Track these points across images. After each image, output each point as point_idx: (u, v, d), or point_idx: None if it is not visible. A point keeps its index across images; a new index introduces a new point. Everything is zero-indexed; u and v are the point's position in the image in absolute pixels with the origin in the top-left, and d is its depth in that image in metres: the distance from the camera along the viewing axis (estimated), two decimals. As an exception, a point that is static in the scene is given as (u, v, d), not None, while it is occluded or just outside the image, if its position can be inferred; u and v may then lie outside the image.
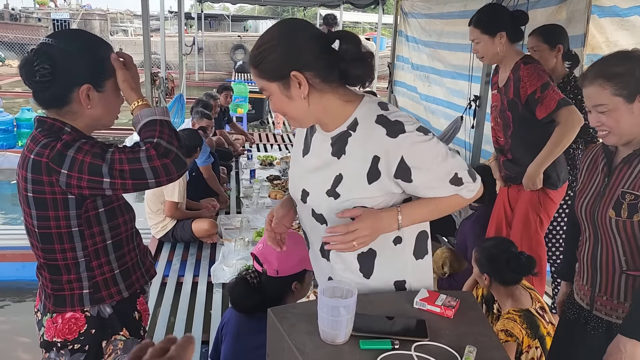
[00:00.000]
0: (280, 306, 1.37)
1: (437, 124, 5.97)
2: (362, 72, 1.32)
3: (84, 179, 1.35)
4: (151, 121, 1.44)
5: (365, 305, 1.38)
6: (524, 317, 2.21)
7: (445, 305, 1.37)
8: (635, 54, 1.56)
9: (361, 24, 27.99)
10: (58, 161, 1.35)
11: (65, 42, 1.41)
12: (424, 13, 6.31)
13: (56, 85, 1.40)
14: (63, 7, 22.05)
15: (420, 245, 1.51)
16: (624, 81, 1.50)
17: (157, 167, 1.35)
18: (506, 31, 2.63)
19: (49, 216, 1.41)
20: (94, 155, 1.35)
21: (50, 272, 1.49)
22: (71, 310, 1.50)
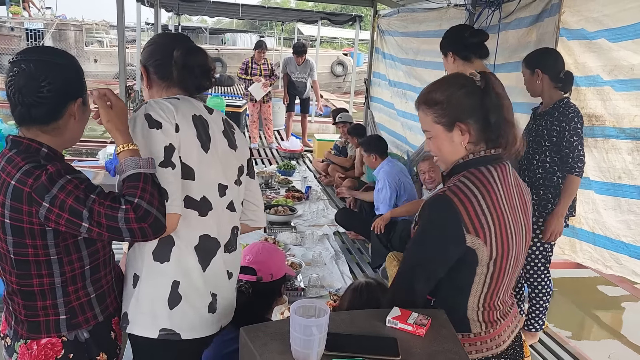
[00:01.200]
0: (252, 325, 1.36)
1: (414, 140, 6.04)
2: None
3: (64, 217, 1.34)
4: (135, 175, 1.39)
5: (338, 324, 1.38)
6: None
7: (417, 323, 1.38)
8: (456, 80, 1.51)
9: (339, 39, 28.29)
10: (41, 193, 1.33)
11: (56, 57, 1.42)
12: (401, 31, 6.41)
13: (54, 100, 1.40)
14: (37, 17, 21.73)
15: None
16: (443, 109, 1.48)
17: (134, 229, 1.34)
18: (452, 51, 2.76)
19: (26, 244, 1.38)
20: (76, 198, 1.33)
21: (24, 298, 1.45)
22: (47, 336, 1.47)
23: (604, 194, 3.44)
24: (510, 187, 1.52)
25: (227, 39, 30.26)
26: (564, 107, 2.92)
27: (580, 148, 2.88)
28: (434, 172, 4.00)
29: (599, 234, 3.52)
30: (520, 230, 1.53)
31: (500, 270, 1.48)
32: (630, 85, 3.31)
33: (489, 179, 1.46)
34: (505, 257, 1.47)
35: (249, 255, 1.97)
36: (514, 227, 1.49)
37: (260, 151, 8.41)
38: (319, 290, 3.62)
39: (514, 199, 1.52)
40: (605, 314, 5.08)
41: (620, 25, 3.24)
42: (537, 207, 3.00)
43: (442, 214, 1.42)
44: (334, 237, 4.76)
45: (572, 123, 2.85)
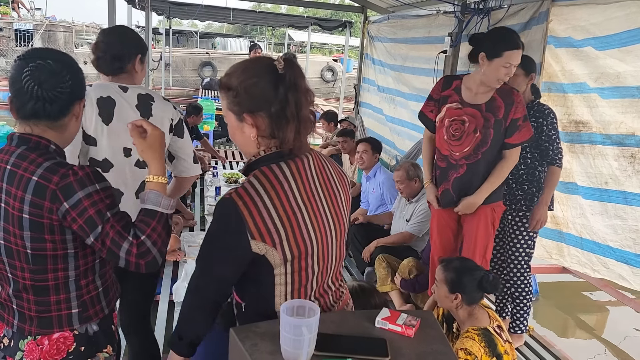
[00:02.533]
0: (242, 326, 1.37)
1: (402, 145, 6.09)
2: None
3: (78, 222, 1.38)
4: (152, 211, 1.45)
5: (328, 325, 1.39)
6: (482, 335, 2.26)
7: (406, 324, 1.40)
8: (256, 66, 1.40)
9: (328, 45, 28.40)
10: (66, 193, 1.36)
11: (69, 58, 1.49)
12: (390, 37, 6.46)
13: (68, 97, 1.45)
14: (26, 18, 21.57)
15: None
16: (235, 97, 1.38)
17: (131, 262, 1.39)
18: (484, 51, 2.72)
19: (45, 239, 1.40)
20: (97, 211, 1.37)
21: (37, 293, 1.47)
22: (59, 331, 1.50)
23: (591, 199, 3.50)
24: (311, 180, 1.44)
25: (217, 43, 30.22)
26: (538, 105, 3.08)
27: (558, 141, 3.04)
28: (402, 183, 4.01)
29: (587, 238, 3.57)
30: (326, 222, 1.45)
31: (302, 270, 1.41)
32: (616, 92, 3.37)
33: (280, 178, 1.38)
34: (304, 256, 1.39)
35: None
36: (314, 222, 1.41)
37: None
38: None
39: (316, 192, 1.44)
40: (589, 318, 5.14)
41: (607, 33, 3.30)
42: (524, 201, 3.10)
43: (226, 218, 1.34)
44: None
45: (549, 118, 3.01)
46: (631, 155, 3.30)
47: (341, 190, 1.52)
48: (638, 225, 3.22)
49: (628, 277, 3.31)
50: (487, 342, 2.23)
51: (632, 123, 3.32)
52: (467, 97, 2.85)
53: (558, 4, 3.53)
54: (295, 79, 1.38)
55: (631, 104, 3.32)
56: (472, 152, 2.85)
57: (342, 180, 1.55)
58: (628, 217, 3.27)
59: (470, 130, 2.83)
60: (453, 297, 2.39)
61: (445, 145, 2.93)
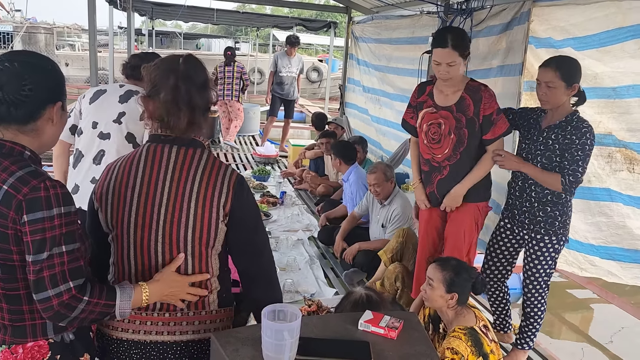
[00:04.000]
0: (223, 331, 1.35)
1: (388, 146, 6.10)
2: None
3: (28, 239, 1.32)
4: (113, 294, 1.42)
5: (311, 328, 1.38)
6: (469, 335, 2.26)
7: (388, 326, 1.39)
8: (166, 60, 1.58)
9: (314, 46, 28.39)
10: (31, 207, 1.32)
11: (39, 60, 1.43)
12: (374, 38, 6.47)
13: (35, 101, 1.39)
14: (6, 20, 21.25)
15: None
16: (145, 82, 1.59)
17: (52, 304, 1.33)
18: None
19: (11, 250, 1.36)
20: (52, 238, 1.33)
21: (10, 302, 1.42)
22: (33, 340, 1.46)
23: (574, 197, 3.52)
24: (162, 167, 1.54)
25: (201, 44, 30.06)
26: (577, 120, 2.71)
27: (581, 164, 2.64)
28: (379, 185, 4.03)
29: (570, 237, 3.59)
30: (156, 210, 1.53)
31: (123, 236, 1.56)
32: (593, 93, 3.39)
33: (136, 156, 1.57)
34: (120, 230, 1.55)
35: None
36: (142, 205, 1.53)
37: (235, 156, 8.37)
38: (293, 295, 3.60)
39: (161, 181, 1.53)
40: (574, 316, 5.19)
41: (586, 34, 3.34)
42: (544, 224, 2.80)
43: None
44: (308, 242, 4.75)
45: (583, 138, 2.64)
46: (609, 155, 3.34)
47: (196, 196, 1.53)
48: (624, 221, 3.24)
49: (617, 273, 3.32)
50: (473, 341, 2.24)
51: (608, 123, 3.36)
52: (439, 100, 2.92)
53: (539, 4, 3.56)
54: (189, 72, 1.52)
55: (607, 105, 3.36)
56: (451, 153, 2.90)
57: (207, 190, 1.54)
58: (613, 214, 3.28)
59: (445, 132, 2.89)
60: (449, 297, 2.38)
61: (426, 149, 2.98)
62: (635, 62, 3.07)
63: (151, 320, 1.56)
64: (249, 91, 17.69)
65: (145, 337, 1.56)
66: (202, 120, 1.56)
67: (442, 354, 2.22)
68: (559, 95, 2.70)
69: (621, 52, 3.22)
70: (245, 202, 1.56)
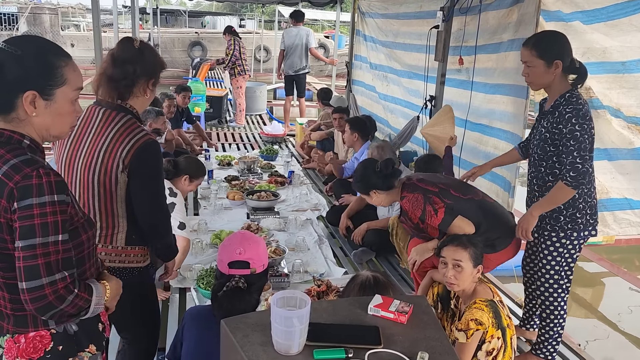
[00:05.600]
0: (233, 317, 1.35)
1: (396, 123, 6.04)
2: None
3: (16, 226, 1.31)
4: (90, 289, 1.44)
5: (320, 313, 1.38)
6: (491, 306, 2.26)
7: (398, 311, 1.38)
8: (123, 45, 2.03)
9: (320, 22, 28.04)
10: (22, 194, 1.30)
11: (16, 46, 1.35)
12: (381, 13, 6.36)
13: (6, 88, 1.34)
14: (10, 1, 21.12)
15: None
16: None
17: (46, 295, 1.32)
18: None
19: (5, 239, 1.35)
20: (43, 224, 1.31)
21: (10, 291, 1.41)
22: (34, 330, 1.45)
23: (617, 159, 3.43)
24: (93, 127, 2.00)
25: (206, 21, 29.77)
26: (564, 104, 2.50)
27: (577, 154, 2.43)
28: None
29: (631, 198, 3.47)
30: (78, 153, 1.99)
31: (59, 172, 1.99)
32: (602, 68, 3.33)
33: (83, 114, 2.03)
34: (57, 163, 2.06)
35: (239, 247, 1.86)
36: (70, 148, 2.02)
37: (242, 135, 8.34)
38: (302, 276, 3.61)
39: (86, 132, 2.00)
40: (585, 291, 5.18)
41: (594, 7, 3.26)
42: (549, 219, 2.63)
43: None
44: (317, 221, 4.75)
45: (569, 125, 2.44)
46: (627, 127, 3.29)
47: (105, 148, 1.95)
48: None
49: None
50: (494, 313, 2.25)
51: (617, 99, 3.30)
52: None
53: (550, -25, 3.46)
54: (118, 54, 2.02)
55: (615, 80, 3.29)
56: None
57: (114, 145, 1.94)
58: None
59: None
60: (476, 272, 2.38)
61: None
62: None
63: None
64: (255, 69, 17.63)
65: None
66: (125, 92, 2.00)
67: (466, 325, 2.21)
68: (539, 74, 2.55)
69: (629, 26, 3.14)
70: (143, 161, 1.93)
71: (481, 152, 4.26)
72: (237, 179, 5.60)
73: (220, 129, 8.78)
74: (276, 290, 3.35)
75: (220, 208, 4.82)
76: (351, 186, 4.96)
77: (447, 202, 2.79)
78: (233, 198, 4.99)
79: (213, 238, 4.09)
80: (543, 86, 2.64)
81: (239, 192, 5.08)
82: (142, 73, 2.02)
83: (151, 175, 1.98)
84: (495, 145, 4.06)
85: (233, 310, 1.72)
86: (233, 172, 5.95)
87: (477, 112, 4.28)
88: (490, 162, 3.20)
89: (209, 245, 4.00)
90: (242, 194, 4.99)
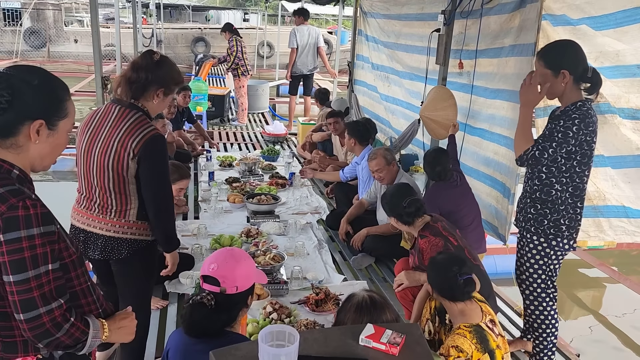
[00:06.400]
0: (222, 348, 1.34)
1: (397, 124, 6.00)
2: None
3: (5, 259, 1.31)
4: (87, 322, 1.46)
5: (311, 344, 1.36)
6: (474, 332, 2.24)
7: (390, 342, 1.37)
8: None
9: (323, 16, 27.90)
10: (9, 226, 1.30)
11: (27, 75, 1.40)
12: (383, 13, 6.31)
13: (10, 114, 1.35)
14: (14, -4, 21.10)
15: None
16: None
17: (44, 323, 1.35)
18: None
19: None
20: (33, 257, 1.32)
21: (0, 318, 1.42)
22: (23, 355, 1.46)
23: (624, 167, 3.40)
24: (109, 121, 2.34)
25: (211, 15, 29.65)
26: (574, 110, 2.51)
27: (549, 144, 2.52)
28: (382, 171, 3.98)
29: (629, 206, 3.44)
30: (96, 142, 2.34)
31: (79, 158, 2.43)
32: (617, 72, 3.28)
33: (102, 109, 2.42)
34: (78, 151, 2.41)
35: (213, 263, 1.84)
36: (89, 138, 2.37)
37: (244, 135, 8.33)
38: (301, 282, 3.60)
39: (101, 131, 2.35)
40: (585, 295, 5.16)
41: (602, 13, 3.20)
42: (534, 221, 2.68)
43: None
44: (317, 225, 4.74)
45: (569, 121, 2.49)
46: None
47: (119, 139, 2.30)
48: None
49: None
50: (478, 338, 2.22)
51: (637, 102, 3.25)
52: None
53: (552, -19, 3.41)
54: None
55: (633, 84, 3.25)
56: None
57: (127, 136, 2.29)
58: None
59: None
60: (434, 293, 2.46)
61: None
62: (656, 42, 2.95)
63: (88, 216, 2.38)
64: (258, 65, 17.57)
65: (83, 226, 2.39)
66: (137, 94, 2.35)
67: (447, 351, 2.21)
68: (550, 85, 2.57)
69: (639, 33, 3.09)
70: (149, 151, 2.26)
71: (480, 156, 4.23)
72: (237, 181, 5.58)
73: (223, 128, 8.77)
74: (275, 298, 3.35)
75: (220, 211, 4.81)
76: (350, 189, 4.97)
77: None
78: (233, 201, 4.98)
79: (213, 243, 4.08)
80: (555, 95, 2.65)
81: (240, 194, 5.07)
82: (153, 81, 2.34)
83: (156, 163, 2.30)
84: (495, 150, 4.03)
85: (193, 325, 1.74)
86: (234, 174, 5.94)
87: (477, 117, 4.25)
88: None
89: (209, 250, 3.99)
90: (242, 197, 4.98)
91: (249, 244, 4.11)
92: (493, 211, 4.06)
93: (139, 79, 2.33)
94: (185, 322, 1.87)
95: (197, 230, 4.30)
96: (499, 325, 2.41)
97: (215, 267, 1.83)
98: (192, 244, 4.02)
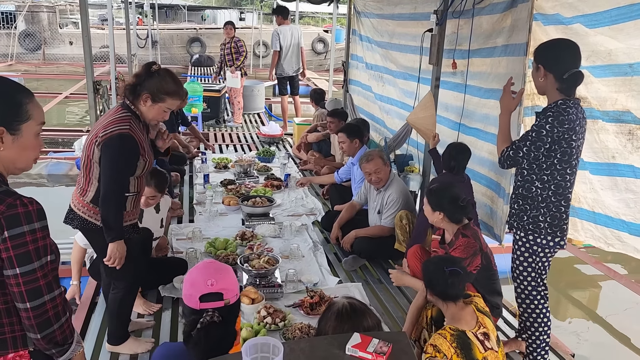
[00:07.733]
0: None
1: (392, 124, 6.00)
2: None
3: (11, 253, 1.38)
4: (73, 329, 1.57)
5: (297, 354, 1.36)
6: (457, 337, 2.23)
7: (376, 351, 1.36)
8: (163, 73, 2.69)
9: (319, 14, 27.87)
10: (11, 223, 1.37)
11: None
12: (376, 13, 6.29)
13: None
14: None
15: None
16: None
17: (47, 310, 1.45)
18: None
19: None
20: (36, 249, 1.41)
21: None
22: (14, 351, 1.51)
23: (599, 174, 3.41)
24: (107, 114, 2.67)
25: (206, 15, 29.58)
26: (553, 108, 2.57)
27: (518, 143, 2.63)
28: (380, 171, 3.98)
29: (599, 212, 3.46)
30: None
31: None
32: (609, 70, 3.26)
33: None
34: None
35: (209, 279, 1.76)
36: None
37: (240, 136, 8.31)
38: (296, 285, 3.60)
39: (102, 119, 2.67)
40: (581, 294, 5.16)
41: (595, 11, 3.18)
42: (516, 217, 2.76)
43: None
44: (312, 227, 4.73)
45: (543, 119, 2.55)
46: (629, 132, 3.24)
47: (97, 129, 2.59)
48: None
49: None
50: (459, 344, 2.21)
51: (626, 102, 3.25)
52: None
53: (543, -20, 3.40)
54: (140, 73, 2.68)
55: (624, 83, 3.23)
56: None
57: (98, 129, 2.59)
58: (639, 190, 3.19)
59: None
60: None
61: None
62: (652, 39, 2.94)
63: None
64: (254, 64, 17.54)
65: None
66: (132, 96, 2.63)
67: (426, 348, 2.21)
68: (533, 76, 2.69)
69: (635, 30, 3.06)
70: (108, 146, 2.49)
71: (475, 156, 4.22)
72: (232, 183, 5.58)
73: (218, 129, 8.75)
74: (269, 302, 3.35)
75: (215, 214, 4.81)
76: (345, 190, 4.96)
77: (478, 268, 2.85)
78: (228, 203, 4.97)
79: (207, 247, 4.08)
80: (540, 89, 2.72)
81: (235, 197, 5.06)
82: (144, 88, 2.61)
83: (111, 158, 2.52)
84: (490, 150, 4.02)
85: (213, 347, 1.67)
86: (229, 175, 5.93)
87: (472, 116, 4.24)
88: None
89: (204, 254, 3.99)
90: (237, 199, 4.97)
91: (243, 247, 4.11)
92: (488, 211, 4.06)
93: (133, 84, 2.65)
94: (202, 349, 1.69)
95: (191, 234, 4.30)
96: (493, 341, 2.34)
97: (214, 282, 1.76)
98: (187, 247, 4.01)
